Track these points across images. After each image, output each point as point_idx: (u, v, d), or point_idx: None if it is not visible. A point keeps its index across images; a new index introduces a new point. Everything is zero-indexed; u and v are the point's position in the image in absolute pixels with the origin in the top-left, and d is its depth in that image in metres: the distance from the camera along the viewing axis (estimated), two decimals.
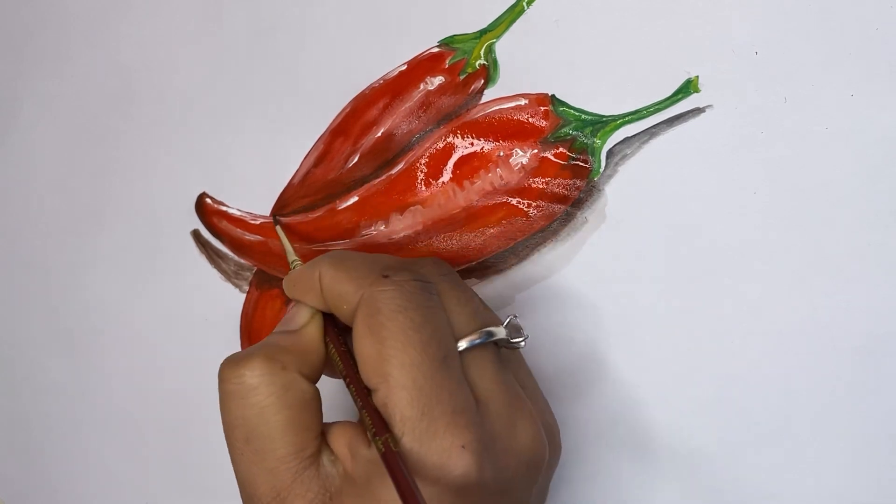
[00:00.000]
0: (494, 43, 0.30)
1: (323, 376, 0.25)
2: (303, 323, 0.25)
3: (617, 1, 0.28)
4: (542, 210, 0.30)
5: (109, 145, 0.36)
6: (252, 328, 0.34)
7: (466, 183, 0.30)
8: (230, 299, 0.34)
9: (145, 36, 0.35)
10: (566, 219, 0.29)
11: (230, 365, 0.23)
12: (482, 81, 0.30)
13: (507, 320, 0.25)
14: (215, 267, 0.34)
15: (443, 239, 0.31)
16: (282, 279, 0.33)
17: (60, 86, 0.36)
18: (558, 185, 0.29)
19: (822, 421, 0.27)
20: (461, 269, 0.31)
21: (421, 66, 0.31)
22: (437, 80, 0.31)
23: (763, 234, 0.28)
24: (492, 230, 0.30)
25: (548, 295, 0.30)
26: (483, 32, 0.30)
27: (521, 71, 0.30)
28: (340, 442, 0.23)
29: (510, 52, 0.30)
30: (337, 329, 0.25)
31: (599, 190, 0.29)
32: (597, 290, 0.29)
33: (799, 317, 0.27)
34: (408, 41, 0.31)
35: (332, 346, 0.24)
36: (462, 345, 0.23)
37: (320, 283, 0.24)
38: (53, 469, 0.38)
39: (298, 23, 0.33)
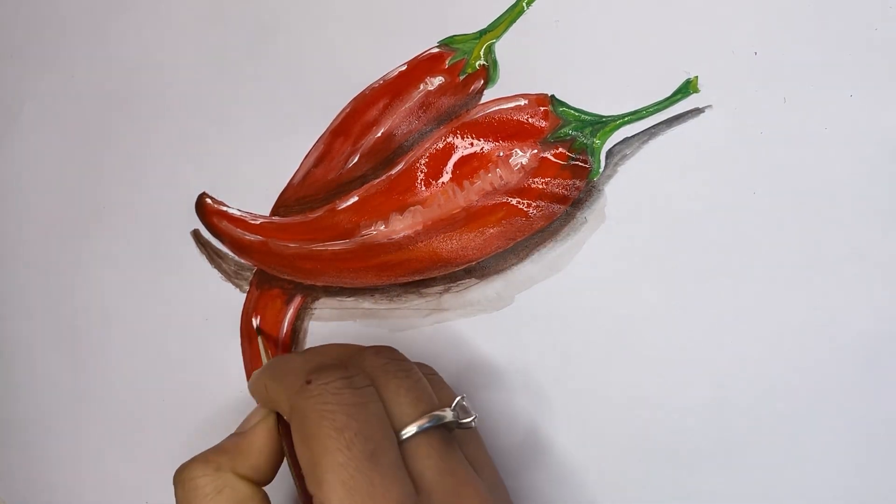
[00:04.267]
0: (494, 43, 0.30)
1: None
2: (252, 423, 0.26)
3: (617, 1, 0.28)
4: (541, 210, 0.30)
5: (110, 145, 0.36)
6: (252, 328, 0.34)
7: (466, 183, 0.30)
8: (230, 299, 0.34)
9: (145, 36, 0.35)
10: (566, 219, 0.29)
11: (180, 469, 0.25)
12: (482, 82, 0.30)
13: (456, 401, 0.25)
14: (215, 267, 0.34)
15: (443, 239, 0.31)
16: (282, 278, 0.33)
17: (60, 86, 0.36)
18: (558, 186, 0.29)
19: (822, 421, 0.27)
20: (461, 269, 0.31)
21: (421, 67, 0.31)
22: (437, 81, 0.31)
23: (763, 234, 0.28)
24: (492, 230, 0.30)
25: (548, 295, 0.30)
26: (483, 32, 0.30)
27: (521, 71, 0.30)
28: None
29: (510, 52, 0.30)
30: (289, 436, 0.25)
31: (599, 190, 0.29)
32: (597, 290, 0.29)
33: (799, 317, 0.27)
34: (408, 41, 0.31)
35: (287, 449, 0.25)
36: (411, 430, 0.23)
37: (266, 392, 0.25)
38: (53, 469, 0.38)
39: (298, 23, 0.33)
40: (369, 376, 0.24)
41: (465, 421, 0.24)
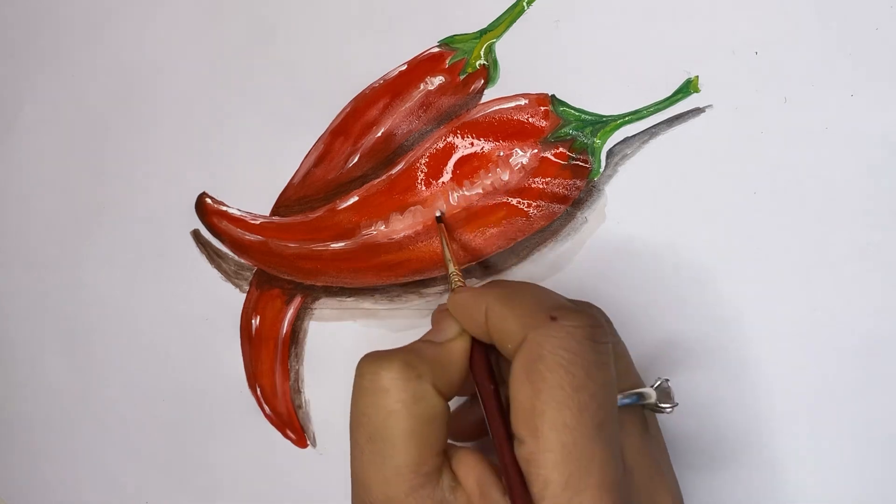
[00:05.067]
0: (494, 43, 0.30)
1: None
2: (449, 337, 0.24)
3: (617, 1, 0.28)
4: (542, 210, 0.30)
5: (110, 145, 0.36)
6: (252, 328, 0.34)
7: (466, 183, 0.30)
8: (230, 299, 0.34)
9: (145, 36, 0.35)
10: (566, 219, 0.29)
11: (369, 361, 0.23)
12: (482, 81, 0.30)
13: (658, 382, 0.23)
14: (215, 267, 0.34)
15: None
16: (282, 278, 0.33)
17: (60, 86, 0.36)
18: (558, 185, 0.29)
19: (821, 421, 0.27)
20: (461, 269, 0.31)
21: (421, 66, 0.31)
22: (438, 80, 0.31)
23: (763, 233, 0.28)
24: (492, 230, 0.30)
25: None
26: (483, 32, 0.30)
27: (521, 71, 0.30)
28: (469, 475, 0.22)
29: (510, 52, 0.30)
30: (489, 362, 0.24)
31: (599, 190, 0.29)
32: (597, 290, 0.29)
33: (799, 317, 0.27)
34: (408, 41, 0.31)
35: (480, 379, 0.24)
36: (617, 406, 0.21)
37: (486, 316, 0.23)
38: (53, 469, 0.38)
39: (298, 23, 0.33)
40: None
41: (664, 405, 0.23)
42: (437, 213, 0.30)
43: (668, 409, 0.23)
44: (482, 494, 0.21)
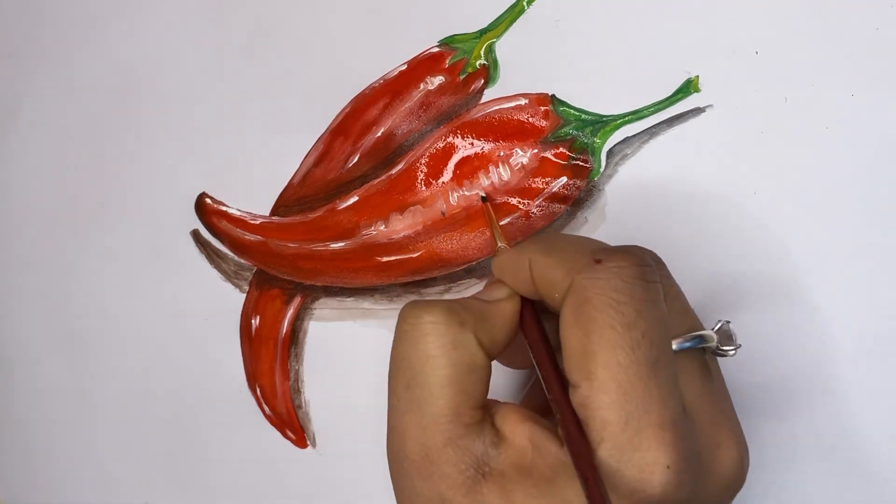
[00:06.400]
0: (494, 43, 0.30)
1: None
2: (498, 298, 0.23)
3: (617, 1, 0.28)
4: (542, 210, 0.30)
5: (109, 145, 0.36)
6: (252, 328, 0.34)
7: (467, 183, 0.30)
8: (230, 299, 0.34)
9: (145, 36, 0.35)
10: (567, 219, 0.29)
11: (412, 306, 0.22)
12: (482, 81, 0.30)
13: (719, 325, 0.23)
14: (215, 267, 0.34)
15: (443, 239, 0.31)
16: (282, 278, 0.33)
17: (60, 86, 0.36)
18: (558, 185, 0.29)
19: (821, 421, 0.27)
20: (461, 269, 0.31)
21: (421, 66, 0.31)
22: (437, 80, 0.31)
23: (763, 234, 0.28)
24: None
25: None
26: (483, 32, 0.30)
27: (521, 71, 0.30)
28: (517, 430, 0.21)
29: (510, 52, 0.30)
30: (539, 317, 0.23)
31: (599, 190, 0.29)
32: None
33: (799, 316, 0.27)
34: (408, 41, 0.31)
35: (529, 333, 0.23)
36: (672, 346, 0.21)
37: (530, 270, 0.22)
38: (53, 469, 0.38)
39: (298, 23, 0.32)
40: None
41: (726, 348, 0.22)
42: (482, 195, 0.30)
43: (732, 352, 0.22)
44: (536, 448, 0.21)
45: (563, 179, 0.29)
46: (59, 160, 0.37)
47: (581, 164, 0.29)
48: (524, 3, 0.29)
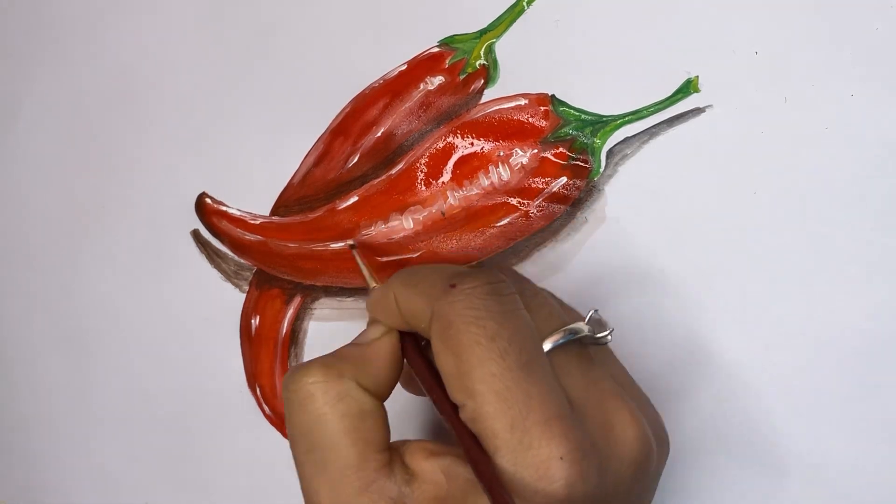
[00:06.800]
0: (494, 43, 0.30)
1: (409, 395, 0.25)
2: (373, 339, 0.24)
3: (617, 1, 0.28)
4: (542, 210, 0.30)
5: (109, 145, 0.36)
6: (252, 328, 0.34)
7: (466, 183, 0.30)
8: (230, 299, 0.34)
9: (145, 36, 0.35)
10: (566, 219, 0.29)
11: (291, 374, 0.23)
12: (482, 81, 0.30)
13: (588, 315, 0.23)
14: (215, 267, 0.34)
15: (443, 239, 0.31)
16: (282, 278, 0.33)
17: (60, 86, 0.36)
18: (558, 185, 0.29)
19: (821, 421, 0.27)
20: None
21: (421, 66, 0.31)
22: (437, 80, 0.31)
23: (763, 234, 0.28)
24: (492, 230, 0.30)
25: None
26: (483, 32, 0.30)
27: (521, 71, 0.30)
28: (428, 464, 0.22)
29: (510, 52, 0.30)
30: (419, 347, 0.24)
31: (599, 190, 0.29)
32: (597, 290, 0.29)
33: (799, 317, 0.27)
34: (408, 41, 0.31)
35: (414, 364, 0.24)
36: (546, 346, 0.22)
37: (397, 304, 0.24)
38: (53, 469, 0.38)
39: (298, 23, 0.32)
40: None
41: (600, 336, 0.23)
42: (351, 242, 0.31)
43: (607, 338, 0.23)
44: (449, 477, 0.21)
45: (563, 179, 0.29)
46: (60, 160, 0.37)
47: (581, 164, 0.29)
48: (524, 3, 0.29)
